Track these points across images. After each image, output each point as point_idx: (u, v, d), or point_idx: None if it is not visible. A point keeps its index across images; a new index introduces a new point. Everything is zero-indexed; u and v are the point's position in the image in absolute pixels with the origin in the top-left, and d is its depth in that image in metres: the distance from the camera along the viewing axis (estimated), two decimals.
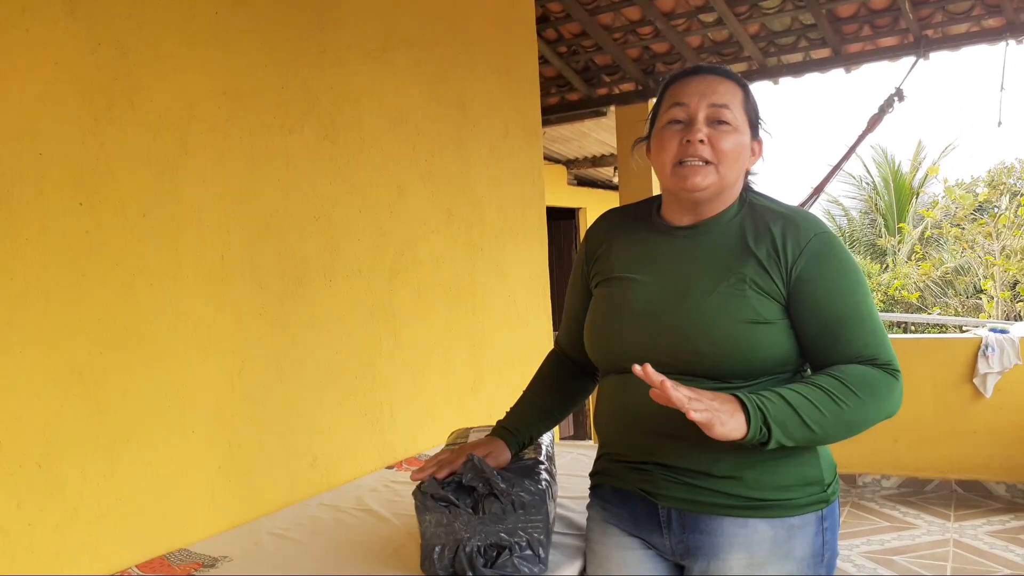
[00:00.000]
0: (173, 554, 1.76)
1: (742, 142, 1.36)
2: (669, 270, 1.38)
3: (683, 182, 1.35)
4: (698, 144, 1.32)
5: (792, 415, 1.21)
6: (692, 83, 1.37)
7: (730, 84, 1.38)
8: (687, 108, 1.35)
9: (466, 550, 1.44)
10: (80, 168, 1.64)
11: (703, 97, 1.35)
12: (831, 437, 1.26)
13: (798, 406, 1.21)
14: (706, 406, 1.16)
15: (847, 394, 1.24)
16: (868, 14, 4.23)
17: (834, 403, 1.23)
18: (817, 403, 1.22)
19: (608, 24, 4.61)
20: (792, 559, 1.31)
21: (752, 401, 1.20)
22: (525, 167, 3.27)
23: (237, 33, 2.00)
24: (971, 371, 4.57)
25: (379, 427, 2.44)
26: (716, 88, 1.35)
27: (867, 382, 1.26)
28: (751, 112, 1.40)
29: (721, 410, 1.17)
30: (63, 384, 1.60)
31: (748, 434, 1.18)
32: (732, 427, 1.17)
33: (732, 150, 1.34)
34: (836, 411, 1.23)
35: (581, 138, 6.50)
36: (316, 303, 2.22)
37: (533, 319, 3.31)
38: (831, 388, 1.24)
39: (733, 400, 1.20)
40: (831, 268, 1.30)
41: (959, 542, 3.82)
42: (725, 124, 1.34)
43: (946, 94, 46.68)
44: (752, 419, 1.18)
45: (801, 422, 1.21)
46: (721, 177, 1.35)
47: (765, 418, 1.19)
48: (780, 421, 1.20)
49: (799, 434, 1.22)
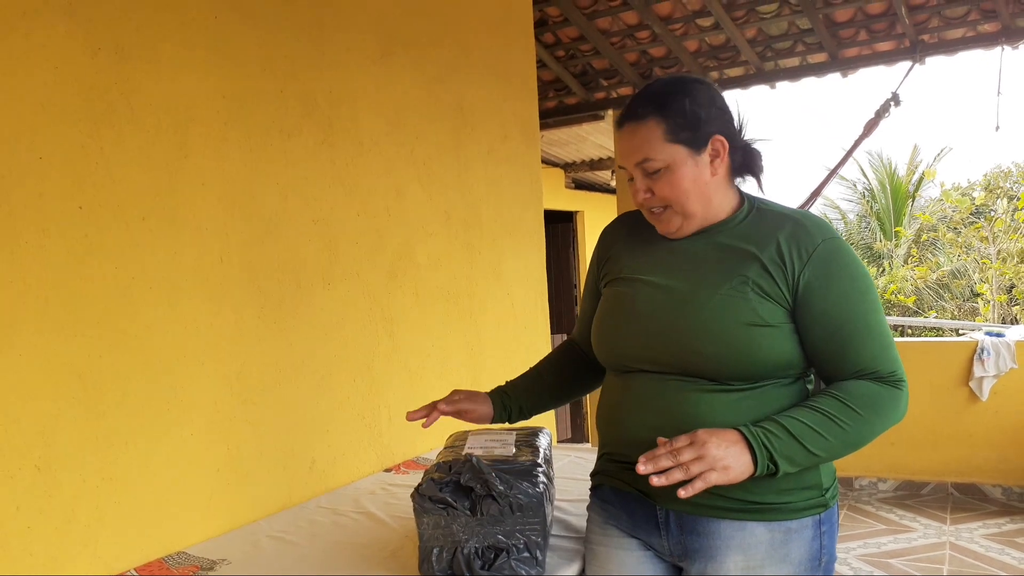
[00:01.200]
0: (171, 557, 1.76)
1: (679, 176, 1.34)
2: (676, 272, 1.39)
3: (658, 228, 1.42)
4: (645, 198, 1.38)
5: (797, 447, 1.23)
6: (620, 142, 1.40)
7: (646, 126, 1.34)
8: (626, 170, 1.40)
9: (464, 552, 1.44)
10: (79, 171, 1.65)
11: (629, 157, 1.37)
12: (836, 457, 1.29)
13: (801, 436, 1.23)
14: (704, 465, 1.17)
15: (850, 415, 1.26)
16: (865, 19, 4.25)
17: (837, 426, 1.25)
18: (820, 430, 1.24)
19: (606, 28, 4.62)
20: (789, 562, 1.32)
21: (757, 438, 1.22)
22: (523, 170, 3.28)
23: (236, 37, 2.01)
24: (967, 374, 4.59)
25: (377, 430, 2.44)
26: (633, 142, 1.36)
27: (870, 400, 1.27)
28: (680, 133, 1.34)
29: (720, 457, 1.19)
30: (62, 386, 1.60)
31: (755, 473, 1.21)
32: (739, 470, 1.20)
33: (672, 191, 1.35)
34: (840, 434, 1.25)
35: (579, 142, 6.51)
36: (314, 306, 2.22)
37: (531, 322, 3.32)
38: (834, 411, 1.26)
39: (735, 436, 1.22)
40: (839, 276, 1.30)
41: (955, 545, 3.83)
42: (654, 173, 1.35)
43: (942, 99, 46.82)
44: (759, 459, 1.21)
45: (806, 452, 1.24)
46: (684, 213, 1.37)
47: (771, 455, 1.21)
48: (786, 455, 1.23)
49: (806, 462, 1.25)
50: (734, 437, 1.21)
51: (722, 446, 1.20)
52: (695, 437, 1.21)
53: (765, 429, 1.23)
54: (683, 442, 1.20)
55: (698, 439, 1.20)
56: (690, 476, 1.17)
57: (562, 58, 4.96)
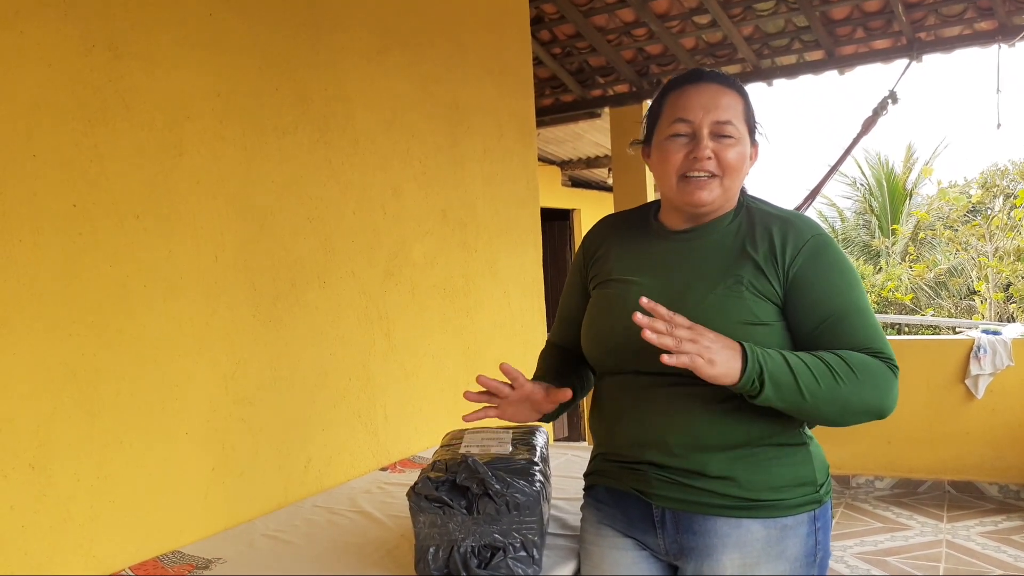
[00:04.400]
0: (166, 556, 1.76)
1: (744, 153, 1.37)
2: (667, 273, 1.39)
3: (689, 197, 1.36)
4: (705, 160, 1.34)
5: (789, 376, 1.21)
6: (695, 96, 1.36)
7: (731, 95, 1.37)
8: (691, 123, 1.35)
9: (460, 551, 1.44)
10: (74, 169, 1.64)
11: (707, 112, 1.35)
12: (821, 411, 1.25)
13: (797, 370, 1.21)
14: (695, 349, 1.17)
15: (847, 373, 1.23)
16: (861, 16, 4.25)
17: (832, 378, 1.23)
18: (816, 373, 1.22)
19: (602, 26, 4.62)
20: (785, 559, 1.32)
21: (753, 352, 1.20)
22: (519, 168, 3.28)
23: (231, 34, 2.00)
24: (963, 372, 4.59)
25: (373, 428, 2.44)
26: (719, 102, 1.35)
27: (869, 368, 1.26)
28: (750, 119, 1.40)
29: (712, 349, 1.18)
30: (56, 385, 1.60)
31: (740, 382, 1.19)
32: (723, 370, 1.18)
33: (736, 162, 1.35)
34: (832, 386, 1.22)
35: (575, 139, 6.51)
36: (310, 304, 2.22)
37: (527, 320, 3.31)
38: (832, 363, 1.24)
39: (734, 345, 1.20)
40: (828, 266, 1.31)
41: (952, 543, 3.83)
42: (728, 137, 1.35)
43: (940, 96, 46.88)
44: (748, 367, 1.19)
45: (796, 387, 1.21)
46: (725, 189, 1.36)
47: (762, 371, 1.19)
48: (776, 379, 1.20)
49: (791, 398, 1.22)
50: (733, 344, 1.21)
51: (717, 342, 1.19)
52: (697, 326, 1.20)
53: (764, 350, 1.22)
54: (684, 322, 1.20)
55: (698, 327, 1.20)
56: (678, 349, 1.16)
57: (558, 55, 4.95)
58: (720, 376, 1.18)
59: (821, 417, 1.28)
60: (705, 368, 1.17)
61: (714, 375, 1.18)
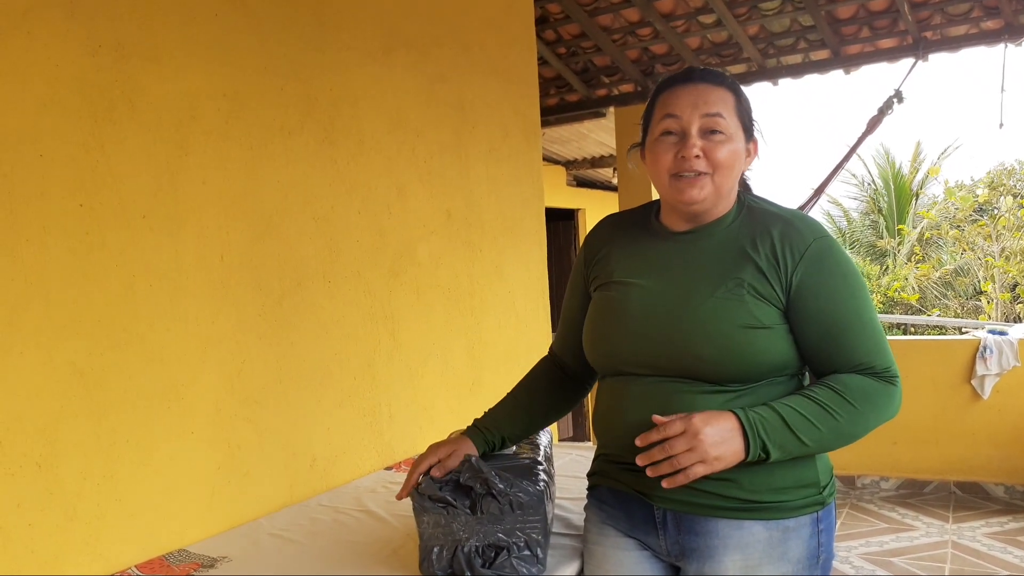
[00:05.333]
0: (172, 554, 1.76)
1: (736, 149, 1.36)
2: (668, 275, 1.39)
3: (680, 195, 1.35)
4: (693, 159, 1.33)
5: (790, 436, 1.25)
6: (683, 93, 1.36)
7: (721, 91, 1.36)
8: (680, 120, 1.34)
9: (464, 550, 1.44)
10: (80, 169, 1.65)
11: (695, 108, 1.34)
12: (828, 448, 1.31)
13: (795, 426, 1.25)
14: (696, 457, 1.22)
15: (843, 406, 1.27)
16: (867, 16, 4.24)
17: (831, 417, 1.26)
18: (814, 420, 1.26)
19: (607, 25, 4.61)
20: (787, 561, 1.32)
21: (752, 426, 1.24)
22: (524, 168, 3.28)
23: (236, 35, 2.01)
24: (970, 373, 4.58)
25: (378, 428, 2.44)
26: (707, 97, 1.34)
27: (865, 393, 1.28)
28: (744, 116, 1.38)
29: (713, 447, 1.22)
30: (63, 384, 1.60)
31: (746, 459, 1.24)
32: (730, 458, 1.24)
33: (727, 159, 1.34)
34: (833, 425, 1.27)
35: (580, 139, 6.51)
36: (315, 304, 2.22)
37: (532, 320, 3.32)
38: (828, 402, 1.27)
39: (732, 428, 1.24)
40: (831, 274, 1.31)
41: (957, 544, 3.82)
42: (719, 133, 1.33)
43: (946, 95, 46.71)
44: (751, 446, 1.23)
45: (798, 441, 1.25)
46: (717, 187, 1.35)
47: (764, 443, 1.24)
48: (779, 443, 1.24)
49: (796, 451, 1.27)
50: (730, 424, 1.23)
51: (715, 436, 1.22)
52: (690, 424, 1.22)
53: (761, 416, 1.25)
54: (677, 429, 1.22)
55: (692, 427, 1.22)
56: (677, 468, 1.22)
57: (563, 55, 4.95)
58: (727, 465, 1.24)
59: (829, 451, 1.33)
60: (709, 470, 1.23)
61: (720, 468, 1.24)
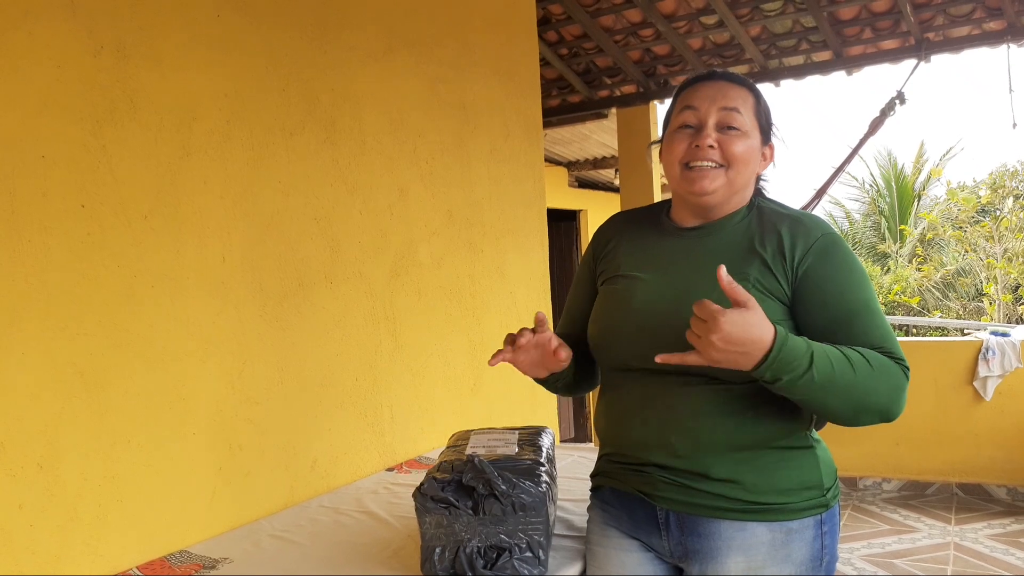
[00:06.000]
0: (173, 555, 1.76)
1: (752, 146, 1.37)
2: (674, 270, 1.39)
3: (691, 186, 1.35)
4: (707, 149, 1.34)
5: (803, 350, 1.17)
6: (704, 88, 1.39)
7: (741, 90, 1.39)
8: (697, 112, 1.36)
9: (466, 551, 1.44)
10: (82, 170, 1.65)
11: (713, 102, 1.36)
12: (831, 402, 1.21)
13: (816, 355, 1.17)
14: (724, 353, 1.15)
15: (862, 364, 1.20)
16: (869, 17, 4.23)
17: (848, 366, 1.19)
18: (833, 360, 1.18)
19: (609, 26, 4.61)
20: (790, 563, 1.31)
21: (783, 341, 1.15)
22: (526, 169, 3.27)
23: (238, 35, 2.01)
24: (972, 374, 4.57)
25: (379, 429, 2.44)
26: (727, 93, 1.37)
27: (884, 365, 1.23)
28: (762, 117, 1.40)
29: (726, 359, 1.15)
30: (64, 385, 1.60)
31: (760, 362, 1.16)
32: (742, 348, 1.14)
33: (742, 154, 1.35)
34: (847, 374, 1.19)
35: (582, 140, 6.50)
36: (316, 304, 2.22)
37: (533, 321, 3.31)
38: (848, 355, 1.20)
39: (759, 352, 1.15)
40: (838, 265, 1.30)
41: (960, 545, 3.81)
42: (735, 129, 1.35)
43: (948, 97, 46.69)
44: (765, 370, 1.16)
45: (810, 372, 1.16)
46: (730, 181, 1.35)
47: (777, 375, 1.16)
48: (790, 364, 1.16)
49: (803, 380, 1.17)
50: (761, 346, 1.14)
51: (738, 325, 1.13)
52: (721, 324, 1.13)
53: (793, 345, 1.16)
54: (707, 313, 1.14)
55: (724, 324, 1.12)
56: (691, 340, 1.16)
57: (565, 56, 4.95)
58: (739, 354, 1.15)
59: (830, 408, 1.23)
60: (726, 351, 1.14)
61: (734, 354, 1.15)
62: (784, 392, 1.20)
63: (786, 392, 1.20)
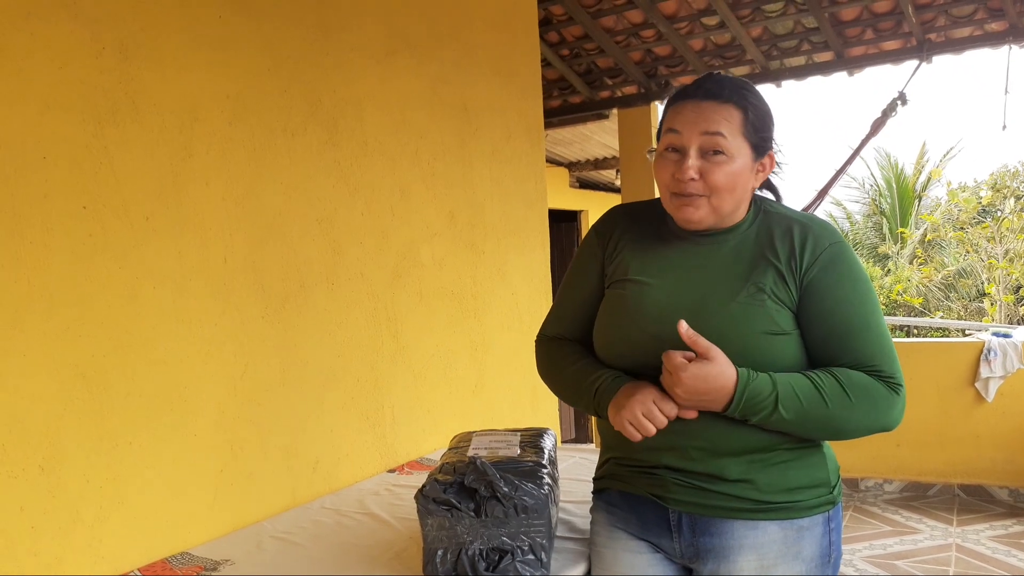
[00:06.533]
0: (175, 557, 1.76)
1: (736, 171, 1.31)
2: (685, 277, 1.37)
3: (677, 214, 1.36)
4: (688, 181, 1.30)
5: (770, 403, 1.25)
6: (686, 110, 1.33)
7: (726, 107, 1.31)
8: (680, 136, 1.32)
9: (468, 554, 1.44)
10: (84, 171, 1.64)
11: (695, 126, 1.30)
12: (812, 433, 1.30)
13: (782, 395, 1.25)
14: (691, 402, 1.27)
15: (838, 395, 1.25)
16: (871, 17, 4.23)
17: (821, 400, 1.25)
18: (802, 396, 1.25)
19: (610, 27, 4.61)
20: (801, 560, 1.32)
21: (746, 383, 1.25)
22: (527, 169, 3.27)
23: (240, 37, 2.01)
24: (973, 375, 4.56)
25: (381, 430, 2.44)
26: (709, 116, 1.30)
27: (865, 390, 1.27)
28: (752, 133, 1.33)
29: (705, 396, 1.26)
30: (66, 387, 1.60)
31: (726, 410, 1.27)
32: (707, 402, 1.27)
33: (725, 182, 1.30)
34: (820, 409, 1.25)
35: (583, 141, 6.50)
36: (318, 306, 2.22)
37: (535, 322, 3.31)
38: (824, 385, 1.26)
39: (724, 376, 1.25)
40: (842, 277, 1.30)
41: (961, 547, 3.81)
42: (719, 154, 1.30)
43: (949, 97, 46.71)
44: (732, 409, 1.26)
45: (778, 412, 1.25)
46: (714, 208, 1.33)
47: (745, 403, 1.25)
48: (758, 406, 1.25)
49: (776, 423, 1.27)
50: (722, 382, 1.24)
51: (699, 377, 1.24)
52: (679, 369, 1.25)
53: (756, 389, 1.25)
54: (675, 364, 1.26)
55: (679, 372, 1.25)
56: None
57: (566, 57, 4.95)
58: (706, 407, 1.28)
59: (811, 436, 1.32)
60: (688, 402, 1.28)
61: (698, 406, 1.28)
62: (761, 427, 1.28)
63: (762, 427, 1.28)
